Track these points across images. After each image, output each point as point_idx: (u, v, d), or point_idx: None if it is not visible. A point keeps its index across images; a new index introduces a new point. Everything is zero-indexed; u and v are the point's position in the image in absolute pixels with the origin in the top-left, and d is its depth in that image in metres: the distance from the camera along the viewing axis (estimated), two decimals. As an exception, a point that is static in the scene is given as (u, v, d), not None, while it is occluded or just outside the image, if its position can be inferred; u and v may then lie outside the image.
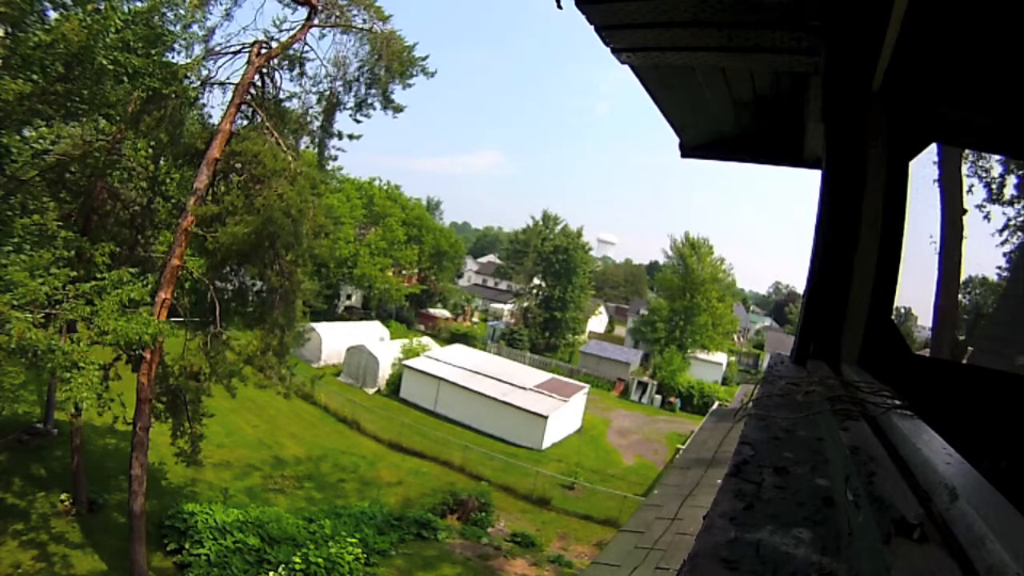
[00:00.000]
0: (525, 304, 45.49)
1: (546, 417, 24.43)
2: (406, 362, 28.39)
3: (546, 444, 24.67)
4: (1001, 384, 1.87)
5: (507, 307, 50.04)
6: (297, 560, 12.37)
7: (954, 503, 0.43)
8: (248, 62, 13.04)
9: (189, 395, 13.01)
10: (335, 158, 15.55)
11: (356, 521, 15.20)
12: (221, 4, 12.72)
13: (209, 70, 13.15)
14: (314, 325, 29.84)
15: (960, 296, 9.31)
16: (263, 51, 13.16)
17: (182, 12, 10.92)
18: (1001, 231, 9.45)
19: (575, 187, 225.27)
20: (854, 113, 1.67)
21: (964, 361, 6.53)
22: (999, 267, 9.98)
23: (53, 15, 9.09)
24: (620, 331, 55.39)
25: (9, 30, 8.72)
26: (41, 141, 11.48)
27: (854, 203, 1.60)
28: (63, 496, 13.47)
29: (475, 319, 51.39)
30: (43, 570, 11.59)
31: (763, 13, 1.52)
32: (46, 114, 9.61)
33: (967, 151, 7.84)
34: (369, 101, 14.56)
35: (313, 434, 22.08)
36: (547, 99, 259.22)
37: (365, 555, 13.52)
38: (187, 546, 12.65)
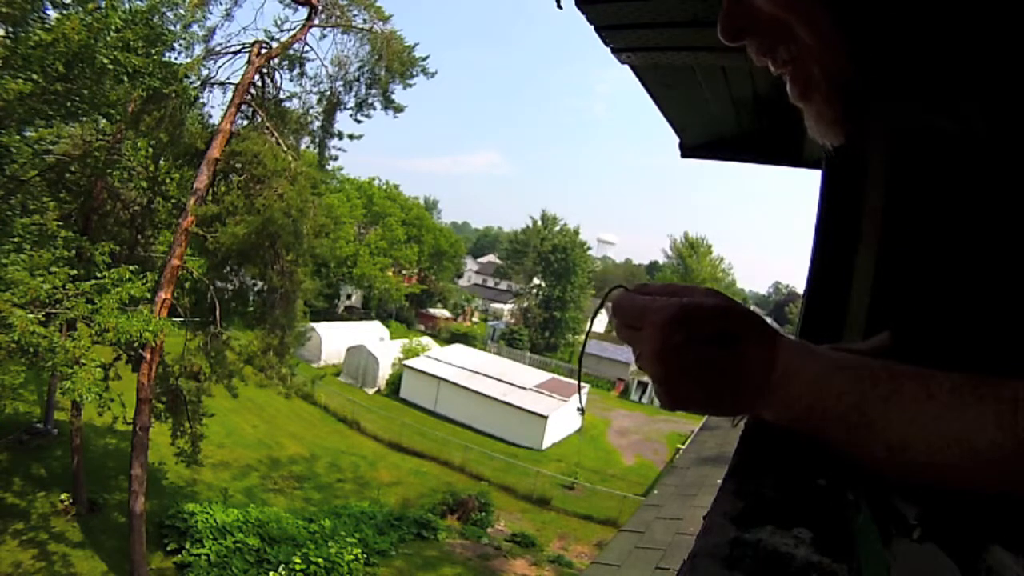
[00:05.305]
0: (525, 304, 45.50)
1: (546, 417, 24.44)
2: (406, 362, 28.39)
3: (546, 444, 24.68)
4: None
5: (507, 307, 50.04)
6: (297, 560, 12.37)
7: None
8: (248, 62, 13.06)
9: (189, 395, 13.02)
10: (335, 158, 15.59)
11: (356, 521, 15.20)
12: (221, 4, 12.76)
13: (209, 70, 13.19)
14: (314, 325, 29.83)
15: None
16: (263, 51, 13.17)
17: (182, 12, 10.93)
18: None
19: (575, 187, 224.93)
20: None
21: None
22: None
23: (53, 14, 9.10)
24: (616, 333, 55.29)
25: (10, 30, 8.72)
26: (41, 142, 11.49)
27: (854, 203, 1.60)
28: (63, 496, 13.46)
29: (475, 319, 51.39)
30: (43, 569, 11.59)
31: (763, 13, 1.52)
32: (46, 114, 9.61)
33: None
34: (370, 101, 14.58)
35: (313, 434, 22.08)
36: (545, 99, 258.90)
37: (365, 555, 13.52)
38: (187, 546, 12.65)
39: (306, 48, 13.94)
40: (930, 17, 0.41)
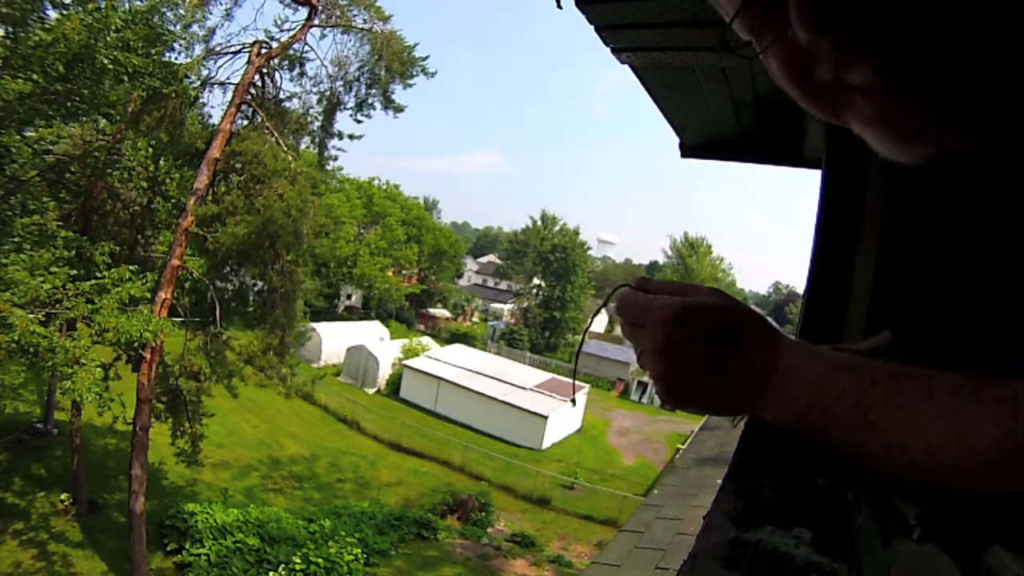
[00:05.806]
0: (525, 304, 45.52)
1: (546, 417, 24.44)
2: (406, 362, 28.39)
3: (546, 444, 24.68)
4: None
5: (507, 307, 50.06)
6: (297, 560, 12.37)
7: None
8: (248, 62, 13.06)
9: (189, 395, 13.02)
10: (335, 158, 15.59)
11: (356, 521, 15.20)
12: (221, 4, 12.77)
13: (209, 70, 13.20)
14: (314, 325, 29.80)
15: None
16: (263, 51, 13.17)
17: (182, 12, 10.95)
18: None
19: (575, 187, 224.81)
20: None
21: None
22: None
23: (53, 14, 9.10)
24: (620, 331, 55.35)
25: (10, 30, 8.73)
26: (41, 142, 11.49)
27: (854, 203, 1.60)
28: (63, 496, 13.47)
29: (475, 319, 51.38)
30: (43, 569, 11.59)
31: (763, 13, 1.51)
32: (46, 114, 9.62)
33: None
34: (370, 101, 14.59)
35: (313, 434, 22.09)
36: (545, 99, 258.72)
37: (365, 555, 13.53)
38: (187, 546, 12.65)
39: (306, 48, 13.96)
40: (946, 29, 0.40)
